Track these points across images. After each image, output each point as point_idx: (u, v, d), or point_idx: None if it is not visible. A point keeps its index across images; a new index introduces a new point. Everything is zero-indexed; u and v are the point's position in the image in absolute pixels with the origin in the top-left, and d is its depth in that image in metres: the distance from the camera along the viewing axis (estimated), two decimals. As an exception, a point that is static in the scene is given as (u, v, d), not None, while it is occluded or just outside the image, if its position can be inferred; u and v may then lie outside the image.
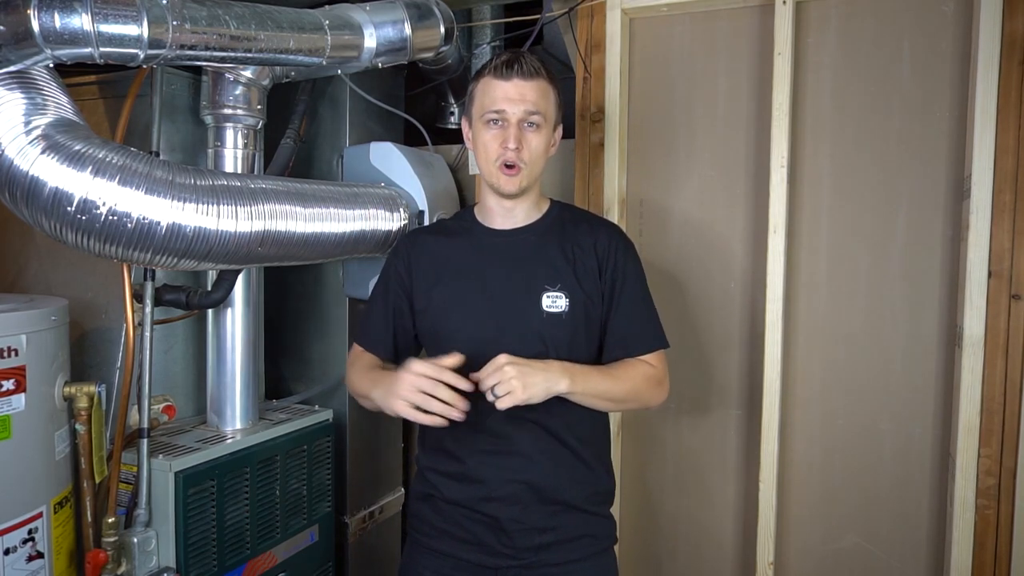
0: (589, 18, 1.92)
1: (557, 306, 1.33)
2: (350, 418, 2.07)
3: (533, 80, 1.30)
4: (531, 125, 1.31)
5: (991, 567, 1.58)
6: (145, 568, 1.51)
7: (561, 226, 1.41)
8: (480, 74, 1.34)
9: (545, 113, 1.32)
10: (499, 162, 1.32)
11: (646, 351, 1.39)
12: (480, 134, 1.34)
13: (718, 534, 1.89)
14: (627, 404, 1.40)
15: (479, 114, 1.33)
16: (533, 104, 1.30)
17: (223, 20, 1.33)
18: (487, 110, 1.31)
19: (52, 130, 1.24)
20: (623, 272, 1.38)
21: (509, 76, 1.29)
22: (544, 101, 1.32)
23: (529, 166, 1.32)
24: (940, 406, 1.67)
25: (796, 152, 1.75)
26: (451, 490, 1.35)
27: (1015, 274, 1.55)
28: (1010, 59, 1.52)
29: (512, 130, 1.30)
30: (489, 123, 1.32)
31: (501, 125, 1.31)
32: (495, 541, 1.33)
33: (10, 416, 1.29)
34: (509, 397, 1.18)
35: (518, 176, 1.32)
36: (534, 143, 1.32)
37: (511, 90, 1.30)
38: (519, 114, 1.30)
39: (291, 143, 1.87)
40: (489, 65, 1.33)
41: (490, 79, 1.31)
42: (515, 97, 1.29)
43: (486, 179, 1.36)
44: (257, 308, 1.83)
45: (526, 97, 1.30)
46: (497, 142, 1.31)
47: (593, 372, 1.31)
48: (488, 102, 1.31)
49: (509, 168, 1.31)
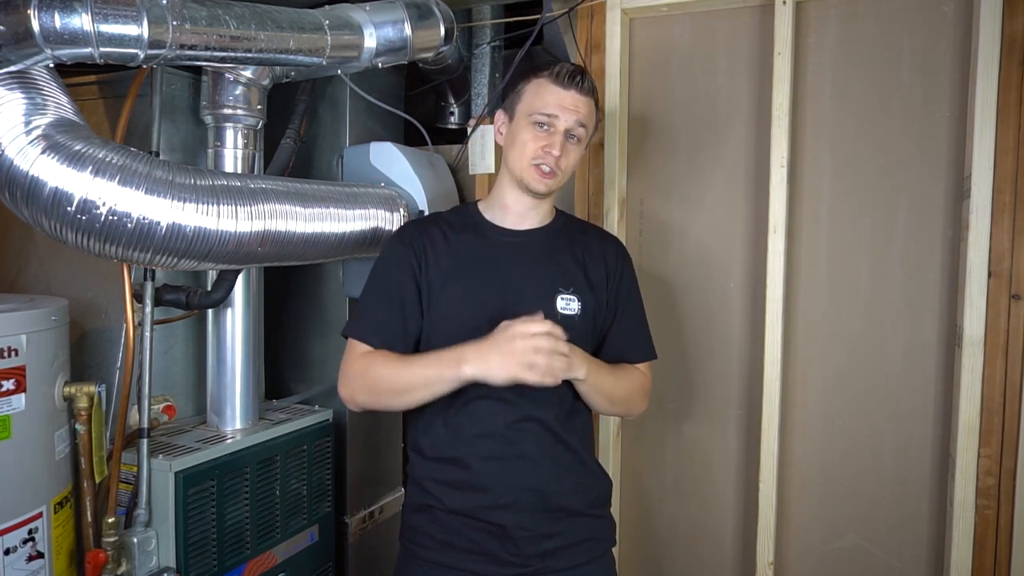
0: (589, 18, 1.92)
1: (571, 308, 1.35)
2: (350, 418, 2.06)
3: (588, 97, 1.34)
4: (573, 138, 1.34)
5: (991, 567, 1.58)
6: (145, 568, 1.51)
7: (570, 232, 1.44)
8: (537, 73, 1.35)
9: (588, 130, 1.36)
10: (535, 162, 1.33)
11: (641, 360, 1.45)
12: (521, 131, 1.34)
13: (718, 534, 1.89)
14: (617, 407, 1.44)
15: (526, 112, 1.34)
16: (583, 118, 1.33)
17: (223, 20, 1.32)
18: (537, 111, 1.32)
19: (52, 130, 1.24)
20: (628, 284, 1.45)
21: (569, 87, 1.32)
22: (590, 119, 1.36)
23: (563, 174, 1.35)
24: (940, 406, 1.67)
25: (796, 152, 1.75)
26: (453, 499, 1.32)
27: (1015, 274, 1.55)
28: (1010, 59, 1.53)
29: (558, 137, 1.32)
30: (536, 124, 1.33)
31: (547, 130, 1.33)
32: (500, 549, 1.31)
33: (10, 416, 1.29)
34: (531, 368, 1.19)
35: (550, 180, 1.34)
36: (572, 155, 1.35)
37: (567, 99, 1.32)
38: (568, 124, 1.32)
39: (291, 143, 1.87)
40: (550, 69, 1.34)
41: (548, 83, 1.33)
42: (569, 107, 1.32)
43: (515, 175, 1.36)
44: (257, 308, 1.83)
45: (579, 110, 1.33)
46: (539, 144, 1.32)
47: (604, 368, 1.35)
48: (540, 104, 1.32)
49: (545, 172, 1.33)
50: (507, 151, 1.38)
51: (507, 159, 1.37)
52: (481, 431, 1.31)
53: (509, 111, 1.39)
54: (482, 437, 1.31)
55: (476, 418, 1.31)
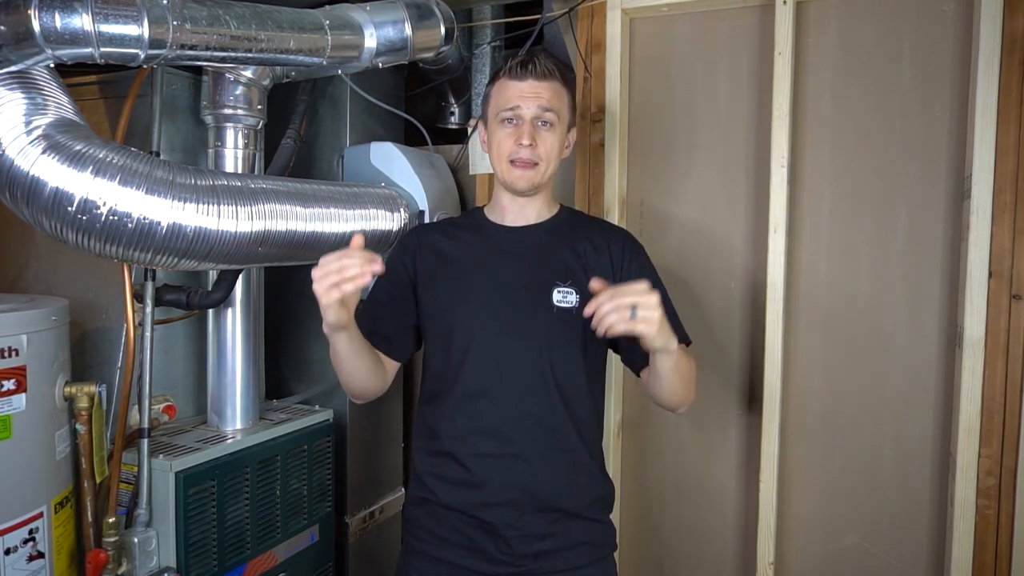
0: (589, 18, 1.92)
1: (567, 301, 1.34)
2: (350, 418, 2.06)
3: (546, 81, 1.33)
4: (545, 124, 1.33)
5: (991, 567, 1.58)
6: (145, 568, 1.51)
7: (571, 226, 1.43)
8: (495, 77, 1.37)
9: (559, 112, 1.34)
10: (511, 158, 1.33)
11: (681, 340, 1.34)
12: (495, 133, 1.36)
13: (718, 534, 1.89)
14: (687, 387, 1.34)
15: (494, 114, 1.36)
16: (547, 102, 1.32)
17: (223, 20, 1.33)
18: (501, 109, 1.33)
19: (53, 130, 1.24)
20: (640, 271, 1.39)
21: (523, 76, 1.32)
22: (558, 101, 1.34)
23: (544, 163, 1.34)
24: (940, 406, 1.67)
25: (796, 152, 1.75)
26: (449, 495, 1.34)
27: (1015, 274, 1.55)
28: (1010, 59, 1.52)
29: (526, 127, 1.32)
30: (504, 122, 1.34)
31: (515, 123, 1.33)
32: (492, 547, 1.31)
33: (10, 416, 1.29)
34: (646, 324, 1.10)
35: (531, 172, 1.34)
36: (548, 141, 1.34)
37: (525, 89, 1.32)
38: (533, 111, 1.32)
39: (291, 143, 1.87)
40: (504, 67, 1.35)
41: (505, 80, 1.34)
42: (529, 95, 1.32)
43: (499, 177, 1.38)
44: (257, 308, 1.83)
45: (540, 95, 1.32)
46: (511, 139, 1.33)
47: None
48: (503, 101, 1.34)
49: (522, 165, 1.33)
50: (491, 158, 1.39)
51: (492, 164, 1.40)
52: (480, 427, 1.32)
53: (483, 119, 1.41)
54: (479, 435, 1.32)
55: (475, 416, 1.32)
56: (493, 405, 1.31)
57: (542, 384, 1.32)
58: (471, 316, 1.34)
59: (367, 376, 1.34)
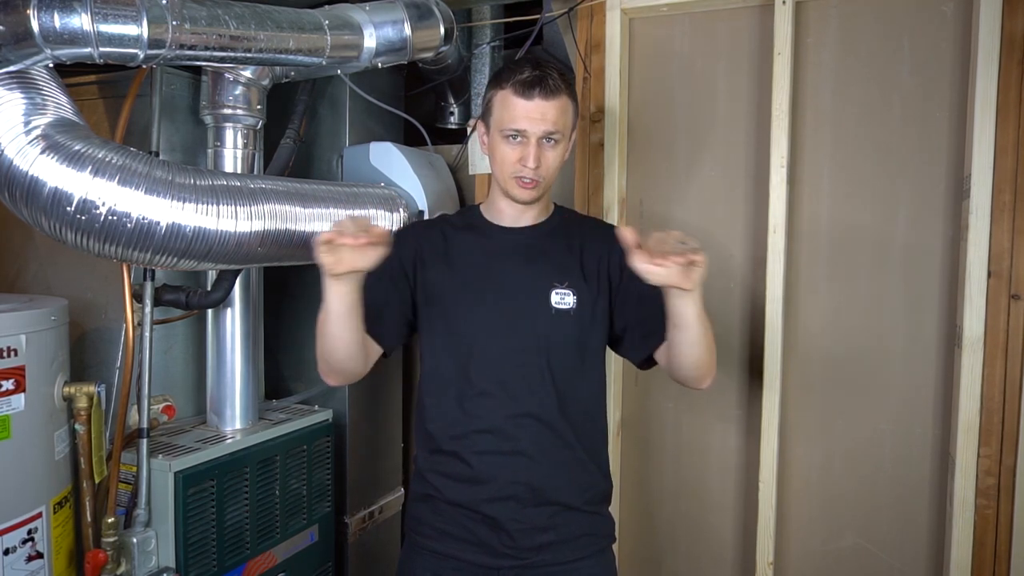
0: (589, 18, 1.92)
1: (565, 303, 1.34)
2: (350, 418, 2.06)
3: (553, 99, 1.28)
4: (550, 140, 1.30)
5: (991, 566, 1.58)
6: (145, 568, 1.51)
7: (567, 227, 1.43)
8: (500, 84, 1.31)
9: (563, 129, 1.31)
10: (515, 175, 1.31)
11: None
12: (497, 146, 1.32)
13: (718, 534, 1.89)
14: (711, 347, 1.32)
15: (497, 127, 1.31)
16: (553, 124, 1.28)
17: (223, 20, 1.33)
18: (506, 126, 1.29)
19: (52, 130, 1.24)
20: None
21: (531, 96, 1.26)
22: (563, 118, 1.30)
23: (545, 180, 1.33)
24: (940, 406, 1.67)
25: (796, 152, 1.75)
26: (452, 491, 1.35)
27: (1015, 274, 1.55)
28: (1010, 58, 1.52)
29: (531, 149, 1.28)
30: (508, 138, 1.30)
31: (520, 142, 1.29)
32: (496, 541, 1.33)
33: (10, 416, 1.29)
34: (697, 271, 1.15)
35: (533, 189, 1.32)
36: (551, 158, 1.31)
37: (532, 110, 1.27)
38: (539, 133, 1.28)
39: (291, 143, 1.87)
40: (511, 78, 1.28)
41: (510, 95, 1.28)
42: (536, 117, 1.27)
43: (500, 186, 1.36)
44: (257, 308, 1.83)
45: (547, 117, 1.27)
46: (515, 157, 1.30)
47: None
48: (508, 119, 1.29)
49: (526, 183, 1.31)
50: (490, 161, 1.37)
51: (491, 169, 1.38)
52: (481, 426, 1.32)
53: (485, 122, 1.37)
54: (482, 432, 1.33)
55: (476, 413, 1.33)
56: (494, 405, 1.32)
57: (542, 385, 1.33)
58: (472, 317, 1.35)
59: (351, 348, 1.31)
